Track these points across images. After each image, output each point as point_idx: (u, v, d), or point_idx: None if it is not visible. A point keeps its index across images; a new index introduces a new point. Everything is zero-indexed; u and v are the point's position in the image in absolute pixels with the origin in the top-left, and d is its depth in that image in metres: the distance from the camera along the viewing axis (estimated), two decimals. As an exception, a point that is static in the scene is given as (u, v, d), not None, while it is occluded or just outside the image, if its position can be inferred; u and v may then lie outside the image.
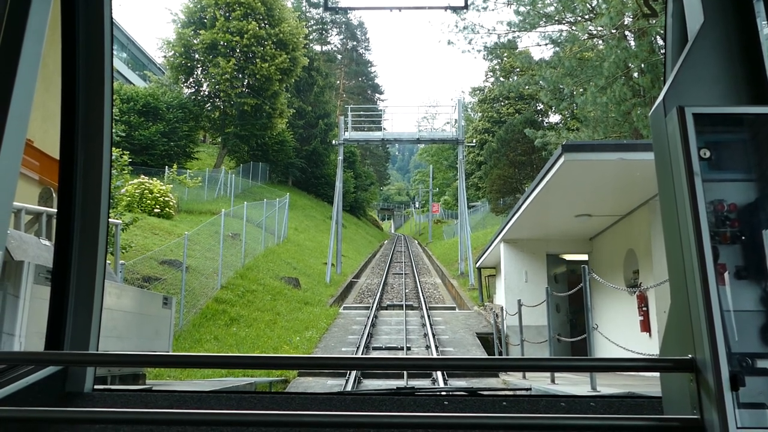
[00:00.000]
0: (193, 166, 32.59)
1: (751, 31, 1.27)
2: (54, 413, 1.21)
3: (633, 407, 1.54)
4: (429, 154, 66.82)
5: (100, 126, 1.67)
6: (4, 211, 1.22)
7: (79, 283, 1.65)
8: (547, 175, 8.39)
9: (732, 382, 1.00)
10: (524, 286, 13.27)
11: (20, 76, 1.20)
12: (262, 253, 20.01)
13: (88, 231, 1.66)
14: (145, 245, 14.48)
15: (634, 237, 10.12)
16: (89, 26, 1.64)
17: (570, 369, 2.46)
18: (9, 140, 1.17)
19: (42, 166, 6.34)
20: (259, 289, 15.81)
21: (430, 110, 78.92)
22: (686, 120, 1.12)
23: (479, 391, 1.90)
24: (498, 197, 35.89)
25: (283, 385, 9.17)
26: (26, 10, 1.23)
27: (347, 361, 2.44)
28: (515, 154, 33.68)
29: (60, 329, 1.62)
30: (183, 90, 34.97)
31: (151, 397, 1.64)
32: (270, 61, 33.81)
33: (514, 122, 35.34)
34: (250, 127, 35.34)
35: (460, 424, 1.10)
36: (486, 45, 23.70)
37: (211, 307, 13.25)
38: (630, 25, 18.38)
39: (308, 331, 13.00)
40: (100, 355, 1.29)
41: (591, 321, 6.23)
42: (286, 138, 41.93)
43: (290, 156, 43.05)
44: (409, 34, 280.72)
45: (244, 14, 33.44)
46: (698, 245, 1.07)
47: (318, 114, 47.18)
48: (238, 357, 1.34)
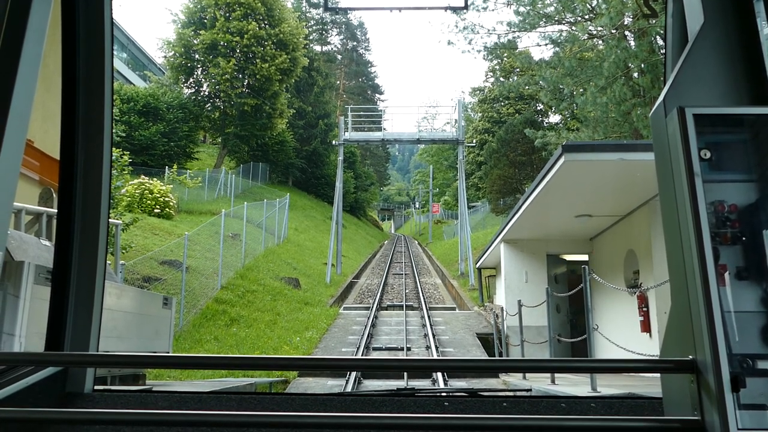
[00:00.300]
0: (194, 167, 32.59)
1: (751, 32, 1.26)
2: (54, 414, 1.22)
3: (633, 408, 1.54)
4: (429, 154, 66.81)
5: (100, 126, 1.67)
6: (5, 212, 1.22)
7: (79, 284, 1.65)
8: (547, 175, 8.39)
9: (733, 383, 1.00)
10: (524, 287, 13.27)
11: (21, 76, 1.20)
12: (262, 254, 20.01)
13: (88, 231, 1.66)
14: (146, 245, 14.48)
15: (635, 237, 10.11)
16: (89, 26, 1.64)
17: (570, 370, 2.45)
18: (9, 140, 1.17)
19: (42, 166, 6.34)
20: (259, 289, 15.80)
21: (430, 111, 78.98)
22: (687, 120, 1.12)
23: (479, 392, 1.89)
24: (498, 197, 35.89)
25: (283, 386, 9.17)
26: (26, 10, 1.23)
27: (347, 362, 2.40)
28: (515, 155, 33.68)
29: (60, 330, 1.62)
30: (183, 90, 34.97)
31: (151, 398, 1.64)
32: (270, 62, 33.81)
33: (514, 122, 35.34)
34: (250, 128, 35.34)
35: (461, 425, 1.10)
36: (486, 45, 23.72)
37: (211, 308, 13.25)
38: (630, 25, 18.38)
39: (308, 332, 12.99)
40: (100, 355, 1.29)
41: (591, 321, 6.23)
42: (286, 138, 41.93)
43: (290, 156, 43.04)
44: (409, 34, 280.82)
45: (244, 14, 33.45)
46: (699, 246, 1.06)
47: (318, 114, 47.18)
48: (238, 358, 1.33)
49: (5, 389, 1.40)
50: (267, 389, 8.25)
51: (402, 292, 20.61)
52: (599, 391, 6.11)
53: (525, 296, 11.94)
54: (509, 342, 12.54)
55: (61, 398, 1.61)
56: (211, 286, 14.37)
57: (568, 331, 12.42)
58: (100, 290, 1.68)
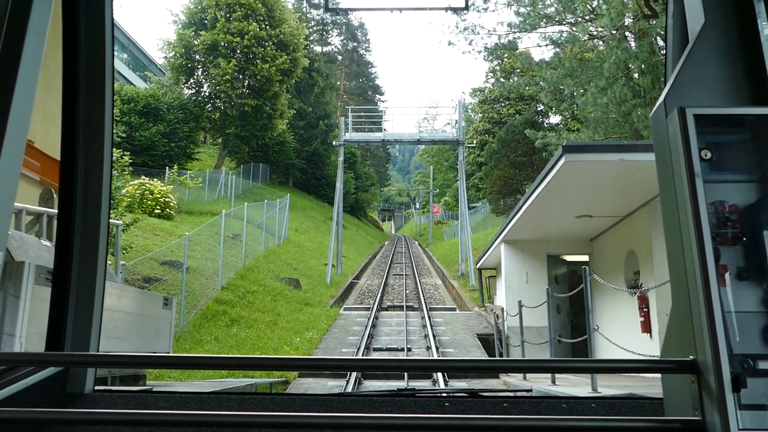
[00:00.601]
0: (194, 167, 32.59)
1: (751, 32, 1.26)
2: (54, 414, 1.22)
3: (634, 408, 1.54)
4: (429, 155, 66.80)
5: (101, 127, 1.67)
6: (5, 212, 1.22)
7: (79, 284, 1.65)
8: (547, 176, 8.39)
9: (733, 383, 1.00)
10: (525, 287, 13.26)
11: (21, 77, 1.21)
12: (262, 254, 20.01)
13: (88, 232, 1.66)
14: (146, 246, 14.48)
15: (635, 238, 10.11)
16: (90, 28, 1.64)
17: (571, 370, 2.46)
18: (10, 141, 1.18)
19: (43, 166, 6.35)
20: (259, 290, 15.80)
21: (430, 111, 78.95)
22: (687, 121, 1.12)
23: (480, 393, 1.90)
24: (498, 198, 35.87)
25: (284, 387, 9.17)
26: (27, 12, 1.24)
27: (348, 363, 2.40)
28: (516, 155, 33.67)
29: (61, 330, 1.62)
30: (183, 91, 34.98)
31: (151, 398, 1.64)
32: (270, 62, 33.81)
33: (514, 123, 35.33)
34: (250, 128, 35.33)
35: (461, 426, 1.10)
36: (486, 46, 23.72)
37: (212, 308, 13.24)
38: (630, 26, 18.37)
39: (309, 332, 12.98)
40: (100, 356, 1.29)
41: (592, 322, 6.22)
42: (286, 139, 41.91)
43: (291, 157, 43.02)
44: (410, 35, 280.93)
45: (244, 15, 33.45)
46: (699, 246, 1.07)
47: (318, 115, 47.17)
48: (238, 358, 1.33)
49: (5, 389, 1.40)
50: (267, 390, 8.25)
51: (402, 293, 20.60)
52: (600, 391, 6.10)
53: (525, 297, 11.93)
54: (510, 343, 12.53)
55: (61, 398, 1.61)
56: (211, 286, 14.37)
57: (568, 332, 12.41)
58: (101, 290, 1.69)
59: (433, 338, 12.24)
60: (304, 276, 19.95)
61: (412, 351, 11.54)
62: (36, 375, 1.50)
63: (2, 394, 1.39)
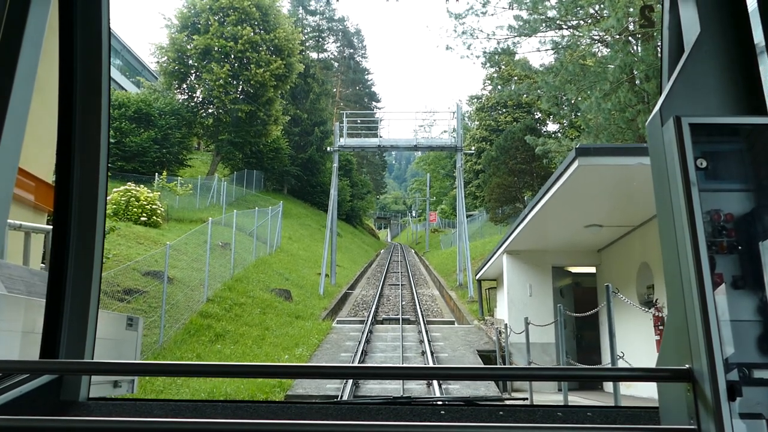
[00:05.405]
0: (187, 174, 31.96)
1: (747, 42, 1.27)
2: (49, 422, 1.21)
3: (630, 417, 1.52)
4: (426, 162, 66.49)
5: (96, 136, 1.67)
6: (4, 211, 1.26)
7: (74, 292, 1.66)
8: (558, 181, 7.68)
9: (729, 392, 0.99)
10: (528, 300, 12.54)
11: (18, 82, 1.23)
12: (252, 264, 19.23)
13: (83, 239, 1.67)
14: (128, 255, 13.71)
15: (649, 250, 9.42)
16: (86, 37, 1.64)
17: (570, 378, 2.41)
18: (7, 141, 1.20)
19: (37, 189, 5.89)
20: (247, 302, 15.02)
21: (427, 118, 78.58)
22: (683, 130, 1.12)
23: (476, 401, 1.90)
24: (497, 206, 35.26)
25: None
26: (24, 18, 1.26)
27: (345, 370, 2.29)
28: (515, 162, 32.98)
29: (55, 338, 1.64)
30: (176, 96, 34.29)
31: (146, 406, 1.64)
32: (265, 67, 33.25)
33: (513, 129, 34.74)
34: (244, 134, 34.71)
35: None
36: (485, 50, 23.17)
37: (196, 322, 12.46)
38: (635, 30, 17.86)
39: (298, 348, 12.23)
40: (95, 363, 1.33)
41: (615, 348, 5.49)
42: (281, 145, 41.31)
43: (285, 164, 42.39)
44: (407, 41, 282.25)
45: (238, 19, 32.93)
46: (695, 255, 1.06)
47: (314, 121, 46.65)
48: (233, 366, 1.24)
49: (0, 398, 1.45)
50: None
51: (398, 304, 19.88)
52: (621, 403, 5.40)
53: (529, 311, 11.24)
54: (513, 362, 11.74)
55: (56, 406, 1.63)
56: (196, 298, 13.59)
57: (573, 348, 11.66)
58: (96, 298, 1.71)
59: (431, 355, 11.51)
60: (296, 286, 19.18)
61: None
62: (30, 383, 1.52)
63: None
